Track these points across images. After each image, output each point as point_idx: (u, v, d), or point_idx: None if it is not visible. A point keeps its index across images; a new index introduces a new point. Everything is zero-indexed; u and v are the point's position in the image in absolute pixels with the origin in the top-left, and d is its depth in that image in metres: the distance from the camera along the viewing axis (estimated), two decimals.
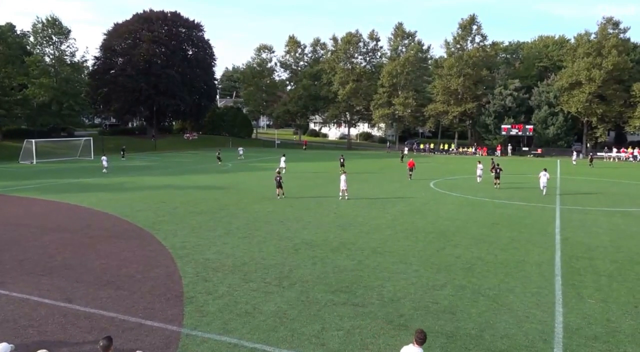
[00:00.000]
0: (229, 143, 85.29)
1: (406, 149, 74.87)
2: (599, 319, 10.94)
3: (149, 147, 73.11)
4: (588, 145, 77.08)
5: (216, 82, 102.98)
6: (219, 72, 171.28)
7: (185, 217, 21.92)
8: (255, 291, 12.42)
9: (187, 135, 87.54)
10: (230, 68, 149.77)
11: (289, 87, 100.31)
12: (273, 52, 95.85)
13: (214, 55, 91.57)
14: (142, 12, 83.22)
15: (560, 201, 28.24)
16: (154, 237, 18.19)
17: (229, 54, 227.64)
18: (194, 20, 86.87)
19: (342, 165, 42.96)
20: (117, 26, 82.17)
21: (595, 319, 10.91)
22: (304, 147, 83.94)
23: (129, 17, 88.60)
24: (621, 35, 74.09)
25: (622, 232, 19.83)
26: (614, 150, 70.42)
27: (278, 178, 28.04)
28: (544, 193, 30.11)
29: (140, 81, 77.11)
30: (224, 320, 10.63)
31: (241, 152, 60.85)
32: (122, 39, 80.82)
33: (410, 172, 38.44)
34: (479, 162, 39.06)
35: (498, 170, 33.30)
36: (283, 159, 41.69)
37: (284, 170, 39.23)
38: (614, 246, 17.61)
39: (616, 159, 68.26)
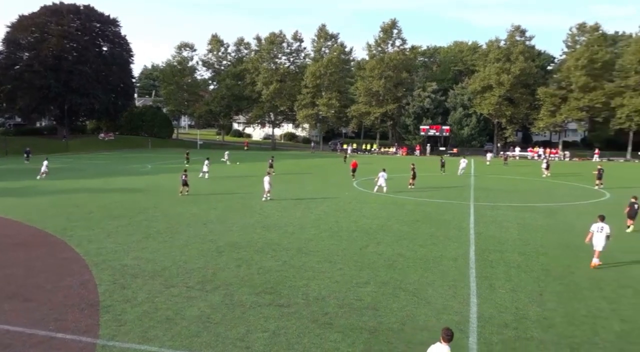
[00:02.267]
0: (148, 143, 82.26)
1: (349, 149, 76.14)
2: (509, 307, 11.70)
3: (60, 148, 68.75)
4: (499, 144, 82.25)
5: (134, 80, 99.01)
6: (137, 70, 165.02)
7: (100, 222, 20.84)
8: (177, 296, 12.06)
9: (103, 135, 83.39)
10: (149, 66, 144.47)
11: (211, 87, 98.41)
12: (195, 50, 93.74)
13: (131, 51, 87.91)
14: (50, 4, 78.19)
15: (475, 197, 29.90)
16: (66, 244, 17.14)
17: (148, 52, 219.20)
18: (109, 15, 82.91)
19: (271, 166, 42.81)
20: (22, 18, 76.52)
21: (505, 308, 11.65)
22: (245, 148, 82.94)
23: (35, 8, 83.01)
24: (527, 43, 79.89)
25: (529, 226, 21.35)
26: (517, 149, 75.67)
27: (183, 177, 28.94)
28: (459, 174, 37.75)
29: (49, 78, 72.41)
30: (143, 328, 10.23)
31: (227, 157, 54.20)
32: (27, 32, 75.42)
33: (353, 173, 39.12)
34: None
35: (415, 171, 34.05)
36: (206, 162, 39.70)
37: (207, 174, 37.81)
38: (521, 239, 18.92)
39: (519, 158, 73.26)
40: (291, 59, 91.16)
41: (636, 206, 21.05)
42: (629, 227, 20.84)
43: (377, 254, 16.37)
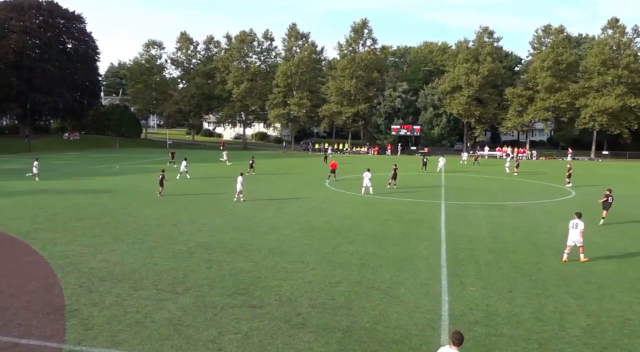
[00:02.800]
0: (116, 143, 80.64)
1: (329, 150, 76.15)
2: (479, 304, 11.92)
3: (22, 148, 66.68)
4: (468, 144, 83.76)
5: (100, 78, 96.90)
6: (103, 67, 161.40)
7: (66, 224, 20.31)
8: (146, 299, 11.85)
9: (68, 135, 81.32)
10: (116, 64, 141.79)
11: (180, 85, 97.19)
12: (163, 48, 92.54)
13: (97, 49, 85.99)
14: None
15: (446, 196, 30.35)
16: (30, 247, 16.64)
17: (115, 49, 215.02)
18: (73, 11, 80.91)
19: (252, 166, 42.71)
20: None
21: (476, 305, 11.86)
22: (221, 148, 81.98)
23: None
24: (495, 44, 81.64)
25: (498, 224, 21.80)
26: (486, 148, 77.19)
27: (160, 176, 28.72)
28: (437, 170, 40.17)
29: (10, 75, 70.18)
30: (112, 332, 10.01)
31: (225, 157, 52.96)
32: None
33: (333, 173, 38.27)
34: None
35: (396, 171, 34.20)
36: (184, 163, 39.16)
37: (187, 175, 37.68)
38: (491, 236, 19.30)
39: (488, 157, 74.73)
40: (262, 58, 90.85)
41: (610, 198, 22.24)
42: (603, 218, 22.11)
43: (350, 253, 16.44)
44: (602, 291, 13.10)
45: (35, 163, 37.26)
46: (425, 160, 49.70)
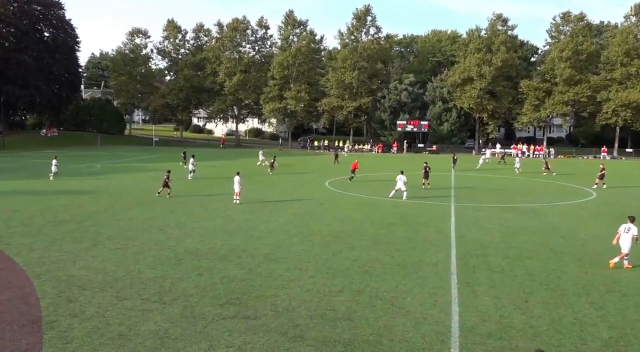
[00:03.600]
0: (97, 140, 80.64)
1: (346, 148, 76.53)
2: (492, 316, 11.92)
3: None
4: (481, 141, 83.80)
5: (81, 70, 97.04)
6: (84, 58, 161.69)
7: (44, 228, 20.31)
8: (131, 310, 11.85)
9: (45, 131, 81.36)
10: (97, 54, 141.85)
11: (168, 78, 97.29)
12: (149, 37, 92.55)
13: (77, 38, 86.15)
14: None
15: (456, 198, 30.37)
16: (3, 253, 16.63)
17: (97, 38, 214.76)
18: None
19: (273, 166, 43.77)
20: None
21: (489, 316, 11.86)
22: (222, 146, 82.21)
23: None
24: (510, 33, 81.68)
25: (512, 228, 21.81)
26: (498, 146, 75.42)
27: (165, 178, 28.63)
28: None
29: None
30: (93, 346, 10.00)
31: (262, 158, 51.43)
32: None
33: (353, 174, 37.83)
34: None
35: (427, 169, 34.88)
36: (192, 161, 38.89)
37: (193, 173, 38.05)
38: (505, 242, 19.31)
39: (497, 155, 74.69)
40: (256, 48, 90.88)
41: None
42: None
43: (352, 260, 16.44)
44: (626, 300, 13.10)
45: (54, 162, 37.56)
46: (455, 158, 50.66)
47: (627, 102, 70.66)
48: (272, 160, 45.10)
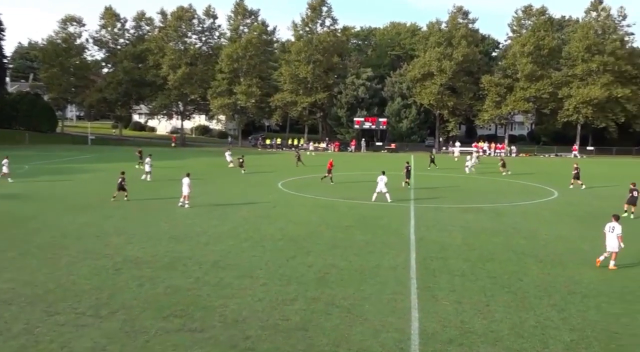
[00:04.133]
0: (25, 138, 77.92)
1: (311, 146, 76.64)
2: (453, 321, 12.18)
3: None
4: (441, 139, 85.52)
5: (5, 60, 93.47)
6: (9, 48, 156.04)
7: None
8: (63, 326, 11.51)
9: None
10: (25, 43, 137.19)
11: (105, 70, 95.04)
12: (84, 25, 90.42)
13: (1, 25, 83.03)
14: None
15: (415, 198, 30.87)
16: None
17: (24, 26, 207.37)
18: None
19: (241, 165, 43.97)
20: None
21: (449, 322, 12.12)
22: (173, 145, 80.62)
23: None
24: (470, 26, 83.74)
25: (473, 229, 22.36)
26: (457, 144, 76.24)
27: (120, 180, 28.26)
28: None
29: None
30: None
31: (229, 158, 50.27)
32: None
33: (329, 174, 36.85)
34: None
35: (409, 168, 36.35)
36: (148, 159, 38.28)
37: (149, 175, 37.45)
38: (466, 243, 19.77)
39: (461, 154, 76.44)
40: (203, 39, 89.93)
41: (635, 193, 23.68)
42: (631, 213, 24.24)
43: (306, 265, 16.48)
44: (587, 301, 13.64)
45: (5, 161, 36.57)
46: (432, 156, 52.76)
47: (588, 98, 73.64)
48: (240, 159, 45.09)
